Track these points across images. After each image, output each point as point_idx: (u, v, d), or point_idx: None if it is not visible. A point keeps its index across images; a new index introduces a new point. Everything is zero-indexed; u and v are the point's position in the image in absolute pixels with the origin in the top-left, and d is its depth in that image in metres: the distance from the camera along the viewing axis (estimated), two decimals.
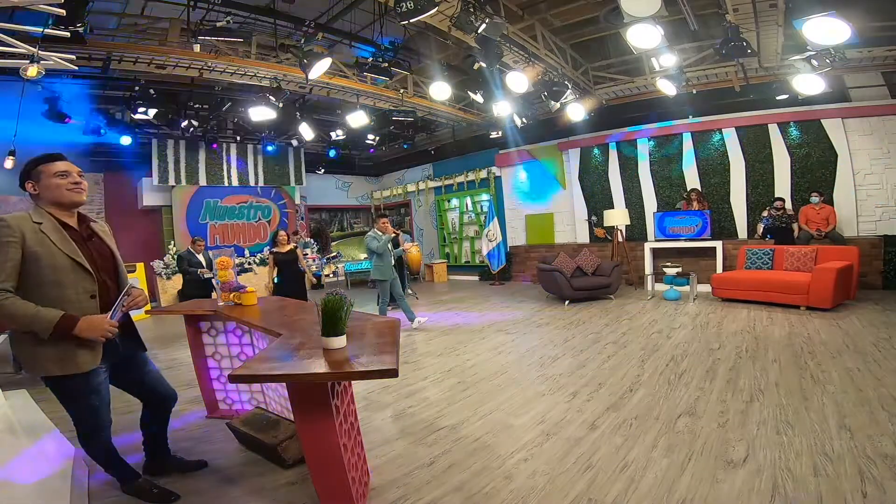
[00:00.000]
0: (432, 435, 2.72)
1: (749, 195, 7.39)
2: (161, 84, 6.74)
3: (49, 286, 1.76)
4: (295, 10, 5.73)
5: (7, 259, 1.69)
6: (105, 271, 1.96)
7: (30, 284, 1.73)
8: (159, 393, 2.25)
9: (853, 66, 6.19)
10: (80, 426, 1.95)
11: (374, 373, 1.52)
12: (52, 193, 1.87)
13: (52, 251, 1.78)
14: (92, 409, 1.91)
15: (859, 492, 1.85)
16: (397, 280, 5.76)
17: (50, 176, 1.87)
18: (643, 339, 4.60)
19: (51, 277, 1.77)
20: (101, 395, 1.93)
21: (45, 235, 1.78)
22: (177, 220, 9.29)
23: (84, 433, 1.97)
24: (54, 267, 1.77)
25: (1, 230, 1.71)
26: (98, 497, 2.18)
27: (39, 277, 1.75)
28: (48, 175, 1.87)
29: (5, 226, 1.72)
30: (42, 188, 1.87)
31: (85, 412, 1.91)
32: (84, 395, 1.88)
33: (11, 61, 3.95)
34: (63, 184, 1.88)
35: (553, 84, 6.57)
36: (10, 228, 1.72)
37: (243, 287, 3.05)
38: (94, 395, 1.90)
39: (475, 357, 4.36)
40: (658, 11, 4.28)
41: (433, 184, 11.49)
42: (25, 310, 1.68)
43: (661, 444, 2.41)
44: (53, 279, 1.77)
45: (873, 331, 4.27)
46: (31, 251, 1.74)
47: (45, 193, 1.87)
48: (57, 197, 1.88)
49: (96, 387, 1.90)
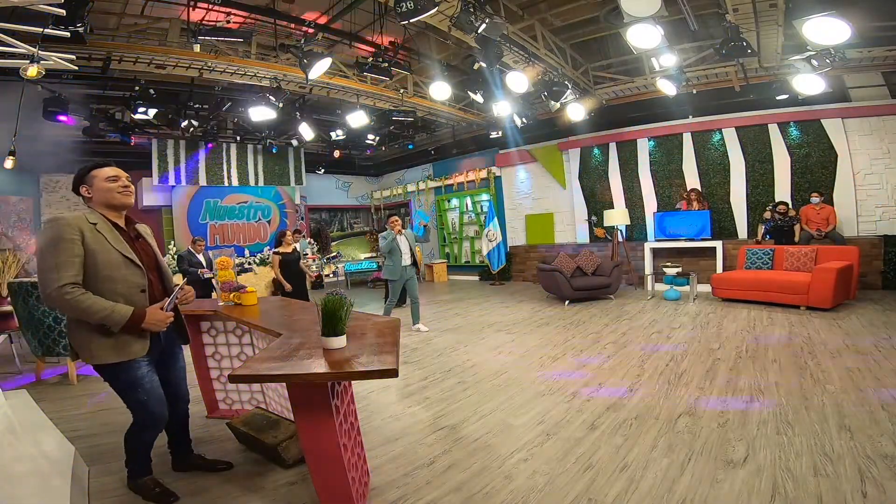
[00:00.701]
0: (432, 435, 2.72)
1: (749, 195, 7.39)
2: (161, 84, 6.74)
3: (103, 281, 1.89)
4: (295, 9, 5.74)
5: (74, 255, 1.83)
6: (150, 268, 2.10)
7: (86, 279, 1.85)
8: (179, 394, 2.29)
9: (853, 66, 6.19)
10: (134, 417, 2.06)
11: (374, 373, 1.52)
12: (104, 196, 2.02)
13: (107, 248, 1.92)
14: (141, 402, 2.01)
15: (859, 492, 1.85)
16: (413, 280, 5.61)
17: (102, 180, 2.02)
18: (643, 339, 4.60)
19: (105, 273, 1.90)
20: (146, 388, 2.01)
21: (100, 234, 1.92)
22: (177, 220, 9.29)
23: (135, 424, 2.07)
24: (109, 263, 1.91)
25: (64, 228, 1.84)
26: (98, 497, 2.19)
27: (95, 272, 1.88)
28: (100, 179, 2.02)
29: (67, 224, 1.85)
30: (95, 191, 2.02)
31: (135, 404, 2.02)
32: (133, 384, 1.98)
33: (11, 61, 3.95)
34: (114, 187, 2.03)
35: (553, 84, 6.57)
36: (71, 227, 1.85)
37: (243, 287, 3.05)
38: (140, 386, 1.99)
39: (475, 357, 4.36)
40: (658, 11, 4.28)
41: (433, 184, 11.49)
42: (103, 304, 1.84)
43: (661, 444, 2.41)
44: (107, 274, 1.90)
45: (873, 331, 4.27)
46: (90, 248, 1.87)
47: (98, 196, 2.02)
48: (109, 199, 2.02)
49: (140, 377, 1.99)
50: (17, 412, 2.86)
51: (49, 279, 1.78)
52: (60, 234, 1.82)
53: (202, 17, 5.07)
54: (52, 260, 1.79)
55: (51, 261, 1.79)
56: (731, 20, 4.78)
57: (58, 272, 1.78)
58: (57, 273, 1.78)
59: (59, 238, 1.82)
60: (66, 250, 1.81)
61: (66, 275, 1.79)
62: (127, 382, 1.98)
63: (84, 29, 3.81)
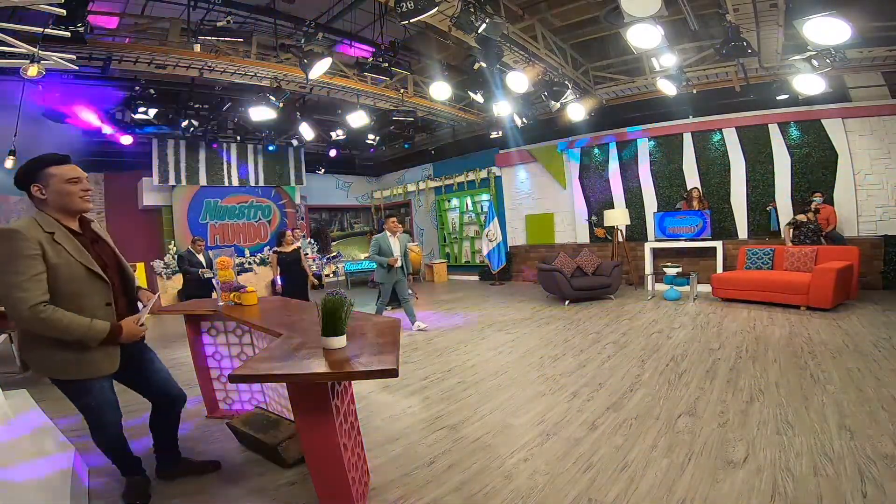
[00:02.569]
0: (432, 435, 2.72)
1: (749, 195, 7.39)
2: (161, 84, 6.74)
3: (67, 297, 1.73)
4: (295, 9, 5.74)
5: (36, 272, 1.65)
6: (113, 273, 1.95)
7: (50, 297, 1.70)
8: (168, 394, 2.23)
9: (853, 66, 6.18)
10: (89, 421, 2.00)
11: (374, 373, 1.52)
12: (63, 200, 1.79)
13: (69, 261, 1.74)
14: (92, 409, 1.94)
15: (859, 492, 1.85)
16: (402, 282, 5.72)
17: (62, 181, 1.79)
18: (643, 339, 4.60)
19: (69, 289, 1.74)
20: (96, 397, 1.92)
21: (60, 246, 1.73)
22: (178, 220, 9.29)
23: (92, 428, 2.02)
24: (72, 278, 1.74)
25: (21, 243, 1.64)
26: (98, 497, 2.19)
27: (57, 290, 1.71)
28: (60, 180, 1.79)
29: (24, 238, 1.65)
30: (51, 193, 1.77)
31: (89, 412, 1.95)
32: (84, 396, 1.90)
33: (12, 61, 3.96)
34: (75, 190, 1.81)
35: (553, 84, 6.57)
36: (29, 241, 1.65)
37: (243, 287, 3.05)
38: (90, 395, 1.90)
39: (475, 357, 4.36)
40: (658, 11, 4.28)
41: (433, 184, 11.48)
42: (80, 321, 1.70)
43: (661, 444, 2.41)
44: (71, 290, 1.74)
45: (873, 331, 4.27)
46: (51, 263, 1.70)
47: (53, 199, 1.78)
48: (68, 204, 1.81)
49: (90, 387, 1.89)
50: (17, 412, 2.86)
51: (18, 300, 1.61)
52: (19, 251, 1.63)
53: (202, 17, 5.07)
54: (14, 279, 1.61)
55: (13, 279, 1.61)
56: (731, 20, 4.78)
57: (25, 291, 1.61)
58: (24, 293, 1.61)
59: (19, 254, 1.63)
60: (30, 267, 1.64)
61: (35, 293, 1.63)
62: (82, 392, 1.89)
63: (84, 29, 3.82)
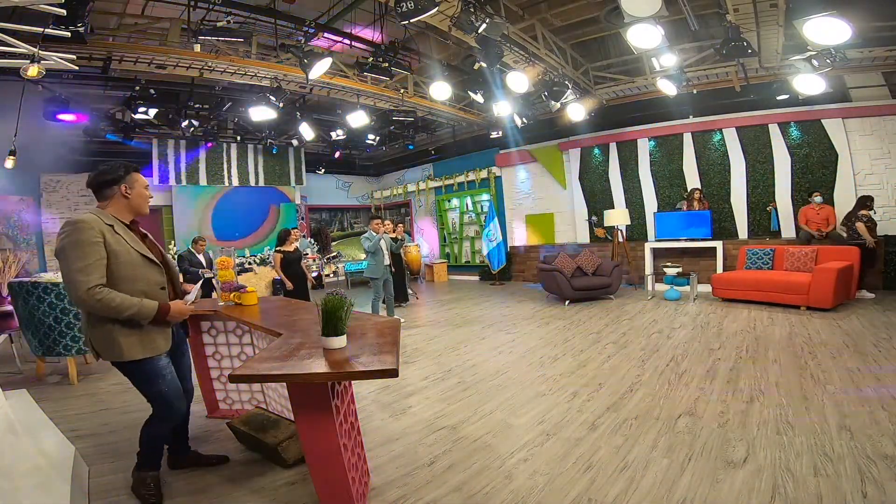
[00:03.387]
0: (432, 435, 2.72)
1: (749, 195, 7.39)
2: (161, 84, 6.74)
3: (125, 281, 1.93)
4: (295, 9, 5.74)
5: (98, 257, 1.86)
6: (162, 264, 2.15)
7: (109, 279, 1.89)
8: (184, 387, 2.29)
9: (854, 66, 6.18)
10: (154, 408, 2.11)
11: (374, 373, 1.52)
12: (139, 202, 2.09)
13: (126, 248, 1.96)
14: (161, 394, 2.07)
15: (859, 492, 1.85)
16: (389, 280, 5.95)
17: (142, 187, 2.10)
18: (643, 339, 4.60)
19: (126, 273, 1.94)
20: (167, 380, 2.08)
21: (119, 236, 1.96)
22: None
23: (154, 415, 2.12)
24: (130, 263, 1.95)
25: (86, 231, 1.85)
26: (98, 497, 2.19)
27: (118, 273, 1.91)
28: (141, 185, 2.10)
29: (89, 227, 1.86)
30: (134, 195, 2.07)
31: (157, 396, 2.07)
32: (155, 377, 2.05)
33: (12, 61, 3.95)
34: (147, 196, 2.14)
35: (553, 84, 6.57)
36: (93, 230, 1.87)
37: (244, 287, 3.05)
38: (161, 378, 2.06)
39: (475, 357, 4.36)
40: (658, 11, 4.28)
41: (433, 184, 11.49)
42: (131, 301, 1.89)
43: (661, 444, 2.41)
44: (129, 274, 1.95)
45: (873, 331, 4.27)
46: (111, 249, 1.90)
47: (134, 200, 2.07)
48: (141, 206, 2.11)
49: (162, 370, 2.06)
50: (17, 412, 2.86)
51: (78, 282, 1.80)
52: (84, 238, 1.84)
53: (202, 17, 5.07)
54: (78, 263, 1.81)
55: (77, 264, 1.81)
56: (731, 20, 4.78)
57: (86, 275, 1.81)
58: (85, 276, 1.81)
59: (84, 241, 1.84)
60: (92, 253, 1.84)
61: (93, 277, 1.82)
62: (151, 375, 2.04)
63: (84, 29, 3.81)
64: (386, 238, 5.96)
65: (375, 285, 5.85)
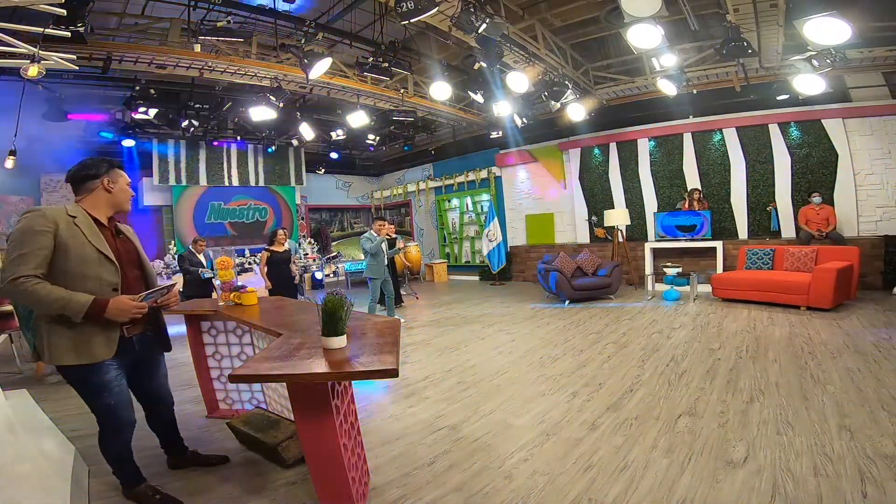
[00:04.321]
0: (432, 435, 2.72)
1: (749, 195, 7.39)
2: (161, 84, 6.74)
3: (74, 278, 1.81)
4: (295, 9, 5.74)
5: (40, 247, 1.77)
6: (130, 266, 2.04)
7: (56, 273, 1.79)
8: (160, 398, 2.27)
9: (854, 67, 6.18)
10: (99, 422, 1.96)
11: (374, 373, 1.52)
12: (119, 199, 2.03)
13: (81, 242, 1.85)
14: (107, 406, 1.91)
15: (859, 492, 1.85)
16: (389, 281, 5.95)
17: (125, 182, 2.06)
18: (643, 339, 4.60)
19: (76, 270, 1.82)
20: (114, 393, 1.92)
21: (77, 228, 1.86)
22: (184, 221, 9.33)
23: (102, 430, 1.98)
24: (81, 259, 1.84)
25: (37, 220, 1.79)
26: (98, 497, 2.19)
27: (66, 267, 1.81)
28: (124, 181, 2.05)
29: (41, 216, 1.81)
30: (117, 190, 2.01)
31: (101, 409, 1.92)
32: (98, 388, 1.89)
33: (12, 61, 3.95)
34: (129, 193, 2.08)
35: (553, 84, 6.57)
36: (45, 218, 1.80)
37: (244, 287, 3.05)
38: (107, 391, 1.90)
39: (475, 357, 4.36)
40: (658, 11, 4.28)
41: (433, 184, 11.48)
42: (58, 293, 1.74)
43: (661, 444, 2.41)
44: (78, 272, 1.83)
45: (874, 331, 4.27)
46: (62, 242, 1.81)
47: (116, 196, 2.01)
48: (123, 203, 2.05)
49: (108, 382, 1.89)
50: (17, 412, 2.86)
51: (10, 269, 1.72)
52: (31, 226, 1.78)
53: (202, 17, 5.07)
54: (16, 252, 1.74)
55: (15, 252, 1.74)
56: (731, 20, 4.78)
57: (18, 264, 1.72)
58: (16, 266, 1.72)
59: (29, 229, 1.77)
60: (33, 242, 1.75)
61: (25, 267, 1.72)
62: (90, 386, 1.88)
63: (84, 29, 3.81)
64: (386, 240, 5.94)
65: (374, 286, 5.84)
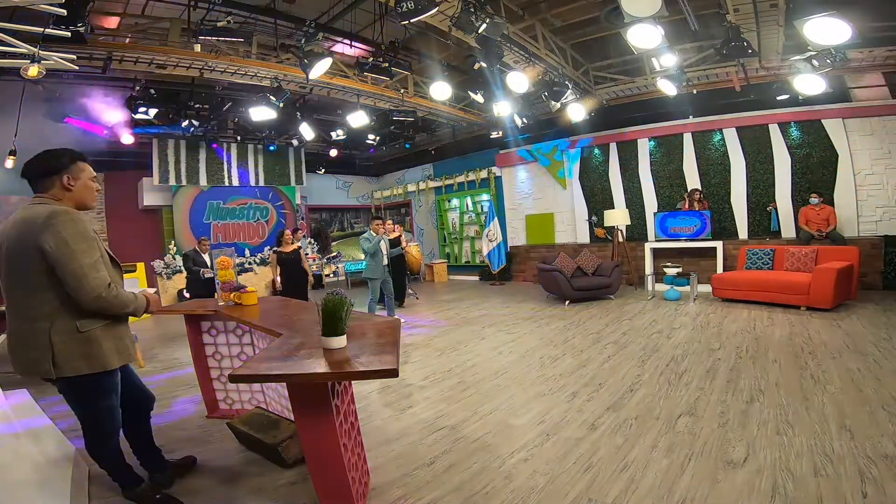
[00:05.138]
0: (432, 435, 2.72)
1: (749, 195, 7.39)
2: (161, 84, 6.74)
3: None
4: (295, 9, 5.74)
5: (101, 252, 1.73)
6: None
7: None
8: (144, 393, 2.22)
9: (854, 67, 6.18)
10: (94, 429, 1.89)
11: (374, 373, 1.52)
12: (83, 195, 1.85)
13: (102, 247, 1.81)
14: (110, 409, 1.88)
15: (859, 492, 1.85)
16: (388, 280, 5.97)
17: (89, 177, 1.87)
18: (643, 339, 4.60)
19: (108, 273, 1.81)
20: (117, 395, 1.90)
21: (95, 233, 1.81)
22: (180, 220, 9.32)
23: (97, 436, 1.92)
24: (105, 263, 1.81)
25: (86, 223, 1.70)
26: (98, 497, 2.19)
27: None
28: (88, 176, 1.86)
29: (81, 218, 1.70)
30: (79, 186, 1.83)
31: (103, 413, 1.87)
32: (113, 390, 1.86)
33: (12, 61, 3.95)
34: (94, 188, 1.89)
35: (553, 84, 6.57)
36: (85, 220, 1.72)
37: (244, 287, 3.05)
38: (115, 393, 1.88)
39: (475, 357, 4.36)
40: (658, 11, 4.27)
41: (433, 184, 11.48)
42: (129, 295, 1.79)
43: (661, 444, 2.41)
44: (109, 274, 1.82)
45: (874, 331, 4.27)
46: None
47: (78, 192, 1.83)
48: (87, 200, 1.88)
49: (116, 385, 1.88)
50: (17, 412, 2.86)
51: (93, 278, 1.65)
52: (87, 230, 1.69)
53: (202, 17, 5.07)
54: (87, 258, 1.66)
55: (87, 259, 1.66)
56: (731, 20, 4.78)
57: (97, 271, 1.67)
58: (97, 272, 1.67)
59: (88, 234, 1.69)
60: (97, 247, 1.70)
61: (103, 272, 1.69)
62: (107, 387, 1.84)
63: (84, 29, 3.81)
64: (385, 240, 5.99)
65: (373, 286, 5.87)
